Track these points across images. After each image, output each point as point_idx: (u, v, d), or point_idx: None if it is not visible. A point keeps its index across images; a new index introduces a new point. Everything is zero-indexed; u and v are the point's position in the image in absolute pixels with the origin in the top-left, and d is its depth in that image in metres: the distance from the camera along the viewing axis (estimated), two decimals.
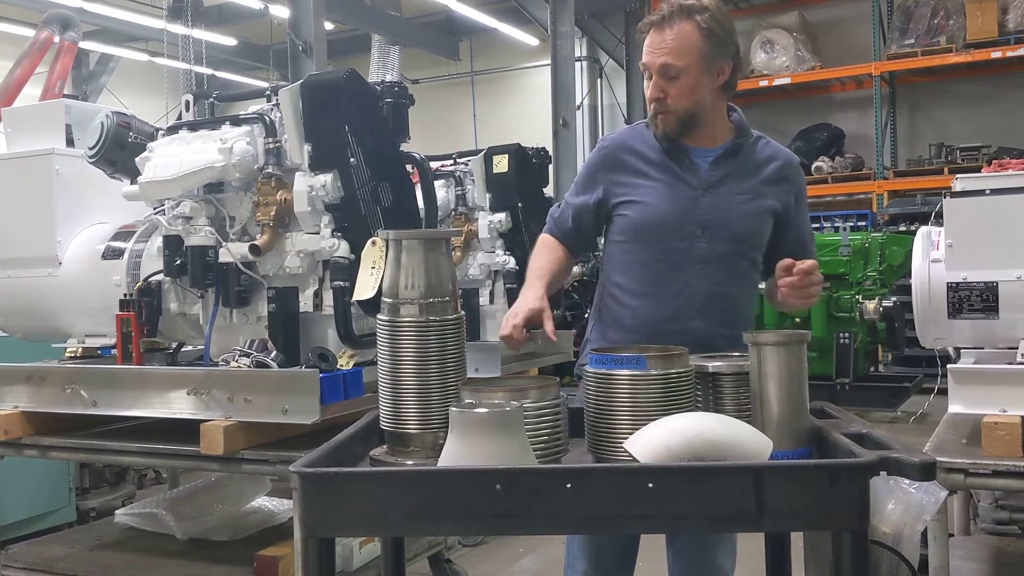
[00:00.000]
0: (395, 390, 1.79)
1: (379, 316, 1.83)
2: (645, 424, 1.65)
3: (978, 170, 5.38)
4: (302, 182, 2.88)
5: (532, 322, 2.17)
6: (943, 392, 2.79)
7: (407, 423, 1.78)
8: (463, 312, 1.86)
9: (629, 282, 2.37)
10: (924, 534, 2.47)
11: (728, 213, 2.31)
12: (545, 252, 2.45)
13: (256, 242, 2.91)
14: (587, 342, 2.47)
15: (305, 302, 2.96)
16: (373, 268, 1.98)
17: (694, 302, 2.30)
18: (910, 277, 3.05)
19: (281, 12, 10.68)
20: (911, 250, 3.10)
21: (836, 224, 9.43)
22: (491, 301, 4.60)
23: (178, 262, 3.07)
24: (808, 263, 2.15)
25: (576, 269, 6.73)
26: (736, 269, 2.33)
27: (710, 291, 2.29)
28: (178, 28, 11.24)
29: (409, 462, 1.77)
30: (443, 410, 1.75)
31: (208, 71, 13.07)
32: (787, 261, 2.16)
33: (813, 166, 10.89)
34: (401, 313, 1.79)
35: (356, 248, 2.83)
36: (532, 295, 2.24)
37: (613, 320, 2.40)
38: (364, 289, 1.98)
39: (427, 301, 1.79)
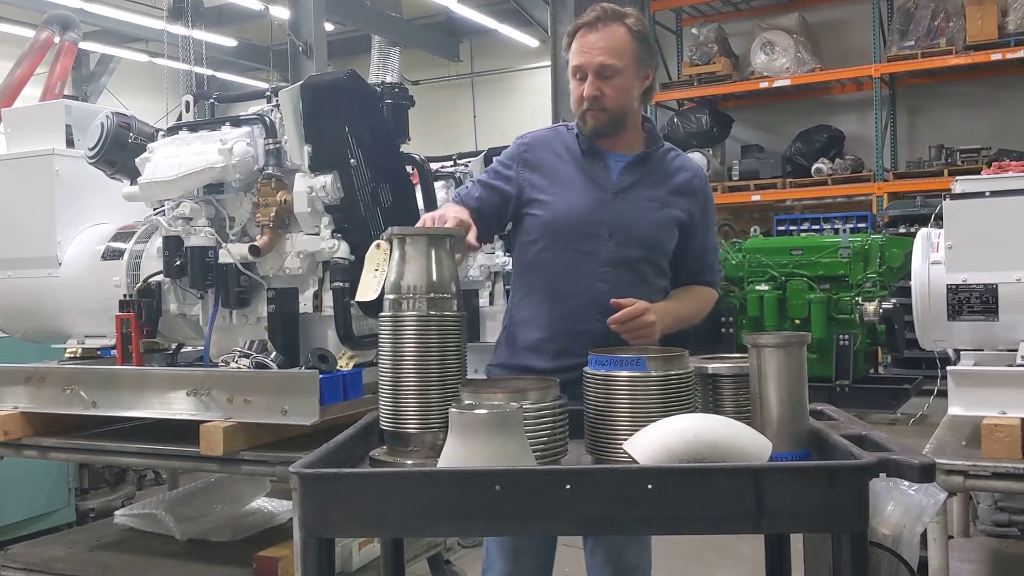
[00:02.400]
0: (395, 388, 1.79)
1: (381, 315, 1.84)
2: (644, 425, 1.65)
3: (978, 172, 5.38)
4: (302, 183, 2.88)
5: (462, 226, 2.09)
6: (943, 394, 2.79)
7: (407, 423, 1.78)
8: (464, 312, 1.87)
9: (536, 281, 2.39)
10: (923, 536, 2.47)
11: (635, 218, 2.34)
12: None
13: (256, 243, 2.91)
14: (500, 341, 2.48)
15: (305, 303, 2.96)
16: (376, 271, 1.98)
17: (597, 304, 2.29)
18: (910, 279, 3.05)
19: (281, 13, 10.69)
20: (911, 252, 3.10)
21: (836, 226, 9.43)
22: (491, 302, 4.60)
23: (178, 263, 3.07)
24: (635, 307, 2.17)
25: None
26: (641, 274, 2.34)
27: (613, 294, 2.28)
28: (178, 29, 11.27)
29: (409, 462, 1.77)
30: (443, 410, 1.75)
31: (208, 72, 13.10)
32: (617, 303, 2.19)
33: (813, 168, 10.89)
34: (404, 308, 1.80)
35: (356, 249, 2.83)
36: (455, 209, 2.19)
37: (523, 320, 2.41)
38: (367, 291, 1.98)
39: (429, 296, 1.80)
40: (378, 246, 1.99)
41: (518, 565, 2.37)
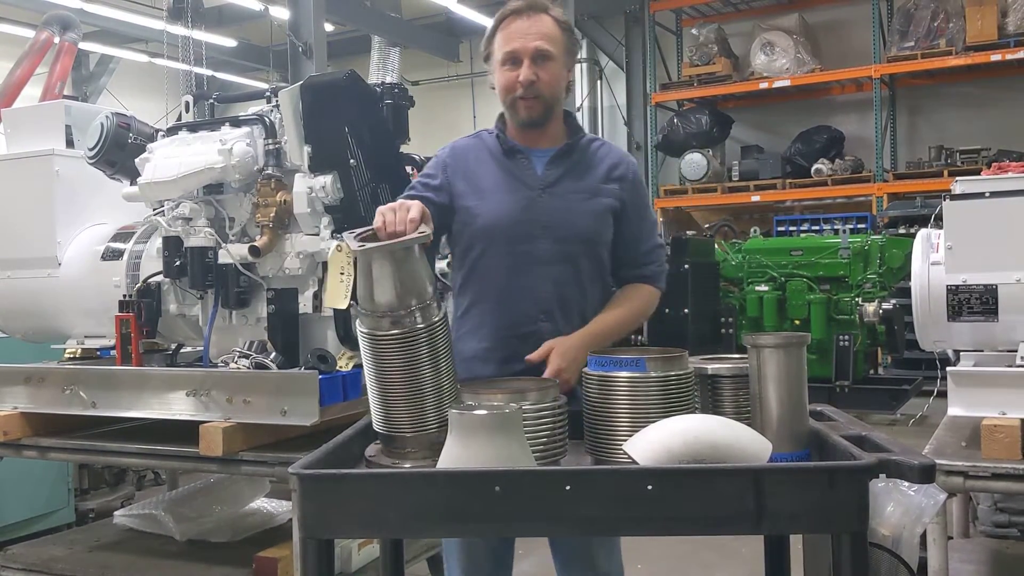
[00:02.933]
0: (386, 399, 1.78)
1: (359, 328, 1.79)
2: (644, 426, 1.65)
3: (978, 173, 5.37)
4: (302, 183, 2.88)
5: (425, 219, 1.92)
6: (942, 395, 2.79)
7: (402, 428, 1.78)
8: (445, 309, 1.85)
9: (477, 290, 2.34)
10: (923, 536, 2.47)
11: (568, 213, 2.29)
12: None
13: (256, 243, 2.91)
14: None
15: (304, 303, 2.96)
16: (343, 275, 1.92)
17: (541, 304, 2.25)
18: (910, 280, 3.05)
19: (281, 13, 10.69)
20: (911, 252, 3.10)
21: (836, 227, 9.44)
22: None
23: (178, 263, 3.07)
24: (548, 371, 2.11)
25: None
26: (581, 270, 2.29)
27: (556, 292, 2.25)
28: (178, 29, 11.26)
29: (407, 464, 1.76)
30: (437, 411, 1.75)
31: (208, 72, 13.09)
32: (531, 360, 2.14)
33: (813, 168, 10.89)
34: (383, 326, 1.75)
35: None
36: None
37: (468, 331, 2.35)
38: (336, 298, 1.93)
39: (407, 309, 1.75)
40: (339, 248, 1.91)
41: (471, 570, 2.36)
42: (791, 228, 10.28)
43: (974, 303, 2.81)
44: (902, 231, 9.07)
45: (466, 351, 2.33)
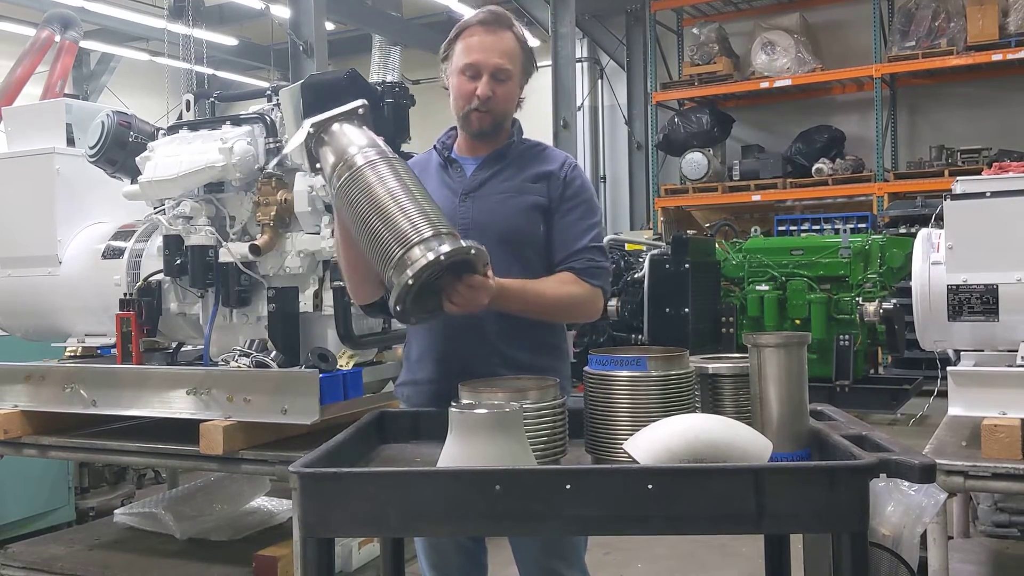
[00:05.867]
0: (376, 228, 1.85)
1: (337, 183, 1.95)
2: (645, 425, 1.65)
3: (978, 172, 5.38)
4: (302, 182, 2.88)
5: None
6: (943, 394, 2.79)
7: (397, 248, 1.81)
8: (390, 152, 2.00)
9: None
10: (923, 536, 2.47)
11: (489, 214, 2.26)
12: None
13: (256, 242, 2.92)
14: (404, 367, 2.41)
15: (305, 302, 2.97)
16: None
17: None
18: (910, 279, 3.05)
19: (282, 12, 10.70)
20: (911, 252, 3.10)
21: (836, 226, 9.43)
22: None
23: (178, 262, 3.07)
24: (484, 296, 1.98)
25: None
26: (509, 272, 2.18)
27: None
28: (179, 28, 11.28)
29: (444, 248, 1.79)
30: (426, 219, 1.84)
31: (209, 71, 13.11)
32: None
33: (813, 168, 10.89)
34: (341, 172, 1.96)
35: None
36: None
37: (414, 332, 2.34)
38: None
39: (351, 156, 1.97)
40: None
41: (441, 571, 2.36)
42: (792, 228, 10.27)
43: (974, 303, 2.81)
44: (903, 231, 9.06)
45: (413, 354, 2.34)
